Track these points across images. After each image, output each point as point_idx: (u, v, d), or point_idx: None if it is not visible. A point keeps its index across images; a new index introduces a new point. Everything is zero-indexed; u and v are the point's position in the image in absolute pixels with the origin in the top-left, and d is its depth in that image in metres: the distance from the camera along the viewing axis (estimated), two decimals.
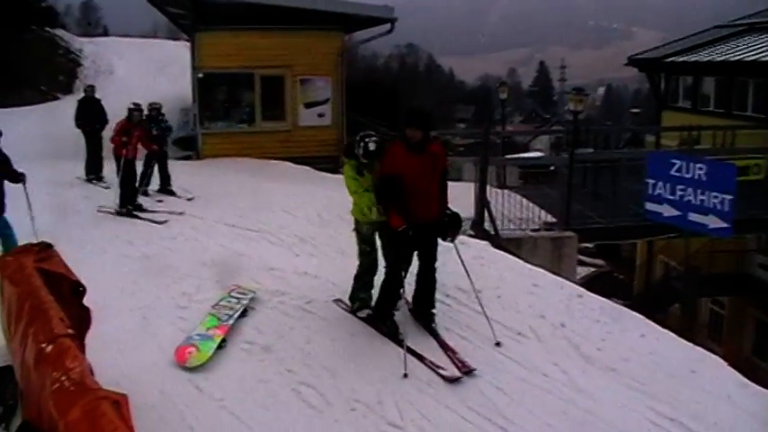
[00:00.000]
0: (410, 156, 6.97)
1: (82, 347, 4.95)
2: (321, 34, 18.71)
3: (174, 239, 10.72)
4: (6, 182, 9.37)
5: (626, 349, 7.22)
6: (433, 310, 7.59)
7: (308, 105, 19.02)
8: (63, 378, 3.75)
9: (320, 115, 19.07)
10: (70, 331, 4.40)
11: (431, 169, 7.12)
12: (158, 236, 10.89)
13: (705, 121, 20.23)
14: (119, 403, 3.52)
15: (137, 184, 12.91)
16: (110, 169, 14.28)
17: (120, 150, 12.47)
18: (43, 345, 4.18)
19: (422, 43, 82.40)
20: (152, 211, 12.38)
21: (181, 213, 12.21)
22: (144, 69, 26.83)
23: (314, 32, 18.61)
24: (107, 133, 14.88)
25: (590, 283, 22.10)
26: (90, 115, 15.20)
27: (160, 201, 13.39)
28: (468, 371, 6.67)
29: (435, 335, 7.34)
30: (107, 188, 14.10)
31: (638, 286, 23.81)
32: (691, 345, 7.53)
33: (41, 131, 18.93)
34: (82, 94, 16.38)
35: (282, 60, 18.40)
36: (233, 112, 18.92)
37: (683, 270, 15.45)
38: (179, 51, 24.96)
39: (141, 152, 13.14)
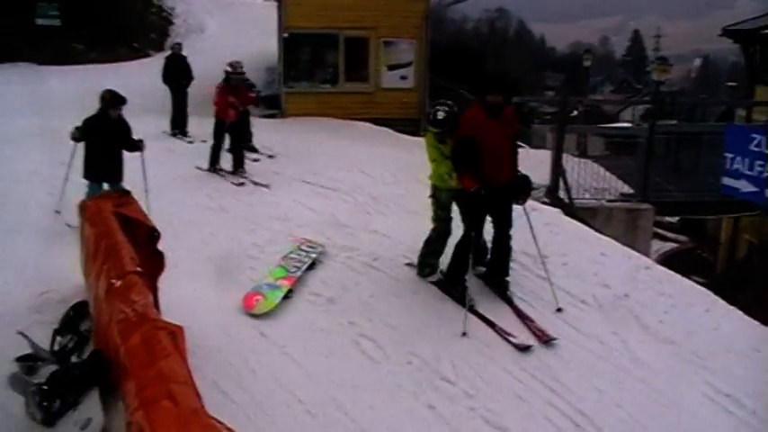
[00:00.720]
0: (488, 120, 7.03)
1: (153, 288, 5.26)
2: None
3: (251, 194, 11.03)
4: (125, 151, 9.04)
5: (688, 323, 7.20)
6: (507, 278, 7.66)
7: (391, 68, 19.04)
8: (128, 309, 4.04)
9: (403, 78, 19.09)
10: (138, 269, 4.70)
11: (506, 133, 7.18)
12: (235, 190, 11.21)
13: None
14: (174, 334, 3.78)
15: (241, 143, 12.57)
16: (195, 124, 14.82)
17: (222, 113, 12.19)
18: (113, 280, 4.50)
19: (513, 8, 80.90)
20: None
21: (266, 185, 11.71)
22: (233, 28, 27.23)
23: None
24: (192, 90, 15.38)
25: (670, 260, 21.65)
26: (176, 72, 15.49)
27: (256, 160, 13.37)
28: (547, 340, 6.74)
29: (510, 302, 7.41)
30: (191, 143, 14.48)
31: (721, 265, 23.19)
32: (757, 323, 7.43)
33: (131, 87, 19.54)
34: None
35: (367, 22, 18.44)
36: (317, 72, 19.11)
37: (758, 248, 14.99)
38: (268, 11, 25.15)
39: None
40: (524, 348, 6.60)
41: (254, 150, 13.88)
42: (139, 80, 20.55)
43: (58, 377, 4.63)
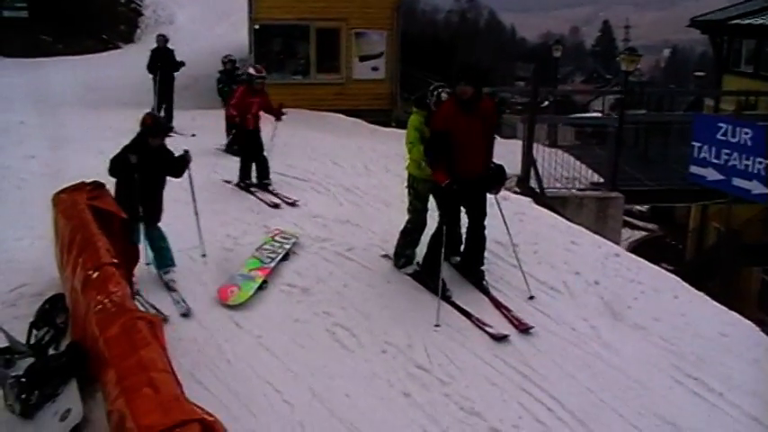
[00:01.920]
0: (460, 113, 7.03)
1: (129, 279, 5.29)
2: None
3: (223, 186, 11.01)
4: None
5: (657, 309, 7.34)
6: (482, 268, 7.71)
7: (363, 59, 19.11)
8: (106, 300, 4.08)
9: (374, 69, 19.16)
10: (115, 260, 4.73)
11: (480, 126, 7.17)
12: (210, 182, 11.17)
13: (766, 87, 19.72)
14: (153, 324, 3.82)
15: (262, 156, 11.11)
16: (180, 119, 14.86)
17: (235, 119, 11.17)
18: (90, 272, 4.52)
19: None
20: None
21: (296, 202, 10.42)
22: (203, 19, 27.05)
23: None
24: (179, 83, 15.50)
25: (640, 248, 21.98)
26: (162, 65, 15.27)
27: None
28: (525, 329, 6.82)
29: (486, 292, 7.48)
30: (181, 134, 13.93)
31: (690, 252, 23.51)
32: (724, 309, 7.60)
33: (101, 79, 19.44)
34: (149, 43, 16.75)
35: (338, 13, 18.49)
36: (288, 64, 19.14)
37: (724, 236, 15.25)
38: (238, 2, 25.06)
39: (267, 119, 11.34)
40: (501, 338, 6.68)
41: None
42: (108, 72, 20.52)
43: (35, 369, 4.65)
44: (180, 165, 7.56)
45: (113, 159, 6.99)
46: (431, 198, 7.72)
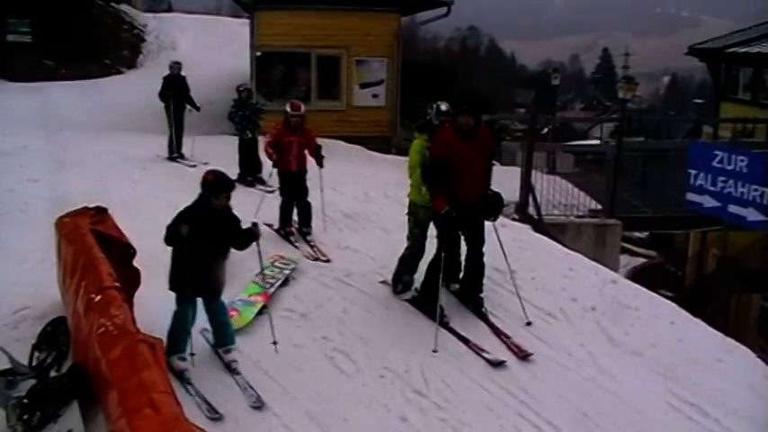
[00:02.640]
0: (459, 141, 7.11)
1: (130, 303, 5.36)
2: (378, 16, 18.89)
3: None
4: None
5: (654, 335, 7.39)
6: (481, 295, 7.75)
7: (363, 86, 19.24)
8: (108, 323, 4.16)
9: (374, 96, 19.29)
10: (117, 284, 4.81)
11: (479, 154, 7.26)
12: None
13: (764, 114, 19.86)
14: (154, 346, 3.89)
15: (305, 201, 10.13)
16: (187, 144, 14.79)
17: (272, 158, 10.15)
18: (92, 295, 4.60)
19: (484, 26, 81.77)
20: None
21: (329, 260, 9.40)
22: (206, 46, 27.29)
23: (371, 14, 18.82)
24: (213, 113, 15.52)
25: (639, 274, 22.01)
26: (175, 92, 14.87)
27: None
28: (524, 356, 6.86)
29: (485, 319, 7.52)
30: (194, 166, 13.66)
31: (690, 279, 23.54)
32: (721, 335, 7.66)
33: (104, 104, 19.59)
34: (152, 69, 16.85)
35: (339, 41, 18.66)
36: (289, 91, 19.25)
37: (720, 263, 15.31)
38: (240, 29, 25.29)
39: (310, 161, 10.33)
40: (498, 364, 6.73)
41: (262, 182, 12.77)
42: (111, 97, 20.67)
43: (37, 390, 4.71)
44: (247, 238, 6.57)
45: (169, 227, 6.05)
46: (431, 225, 7.79)
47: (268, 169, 10.99)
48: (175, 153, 14.77)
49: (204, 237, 6.07)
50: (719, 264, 15.77)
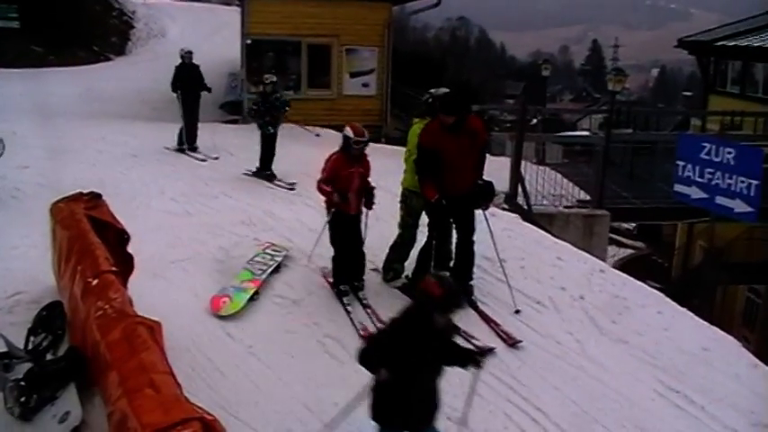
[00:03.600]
0: (446, 134, 7.19)
1: (124, 287, 5.40)
2: (368, 5, 18.90)
3: (216, 198, 11.13)
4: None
5: (641, 324, 7.50)
6: (471, 283, 7.83)
7: (354, 75, 19.25)
8: (106, 306, 4.21)
9: (365, 85, 19.31)
10: (114, 268, 4.86)
11: (467, 145, 7.33)
12: (200, 193, 11.28)
13: (752, 108, 20.02)
14: (153, 329, 3.95)
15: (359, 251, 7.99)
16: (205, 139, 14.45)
17: (331, 197, 7.67)
18: (90, 279, 4.65)
19: (474, 17, 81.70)
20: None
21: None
22: (195, 33, 27.08)
23: (361, 3, 18.84)
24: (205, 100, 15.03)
25: (627, 265, 22.12)
26: (188, 81, 14.37)
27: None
28: (513, 343, 6.95)
29: (475, 306, 7.59)
30: (203, 160, 13.74)
31: (676, 271, 23.72)
32: (707, 324, 7.77)
33: (93, 91, 19.49)
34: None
35: (330, 29, 18.64)
36: (279, 79, 19.21)
37: (707, 255, 15.47)
38: (230, 17, 25.19)
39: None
40: (487, 351, 6.78)
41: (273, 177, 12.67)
42: (100, 83, 20.57)
43: (34, 373, 4.76)
44: (465, 359, 5.24)
45: (374, 349, 4.72)
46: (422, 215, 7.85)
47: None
48: (186, 145, 14.31)
49: (423, 359, 4.71)
50: (706, 255, 15.93)
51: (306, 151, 13.97)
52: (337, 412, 5.16)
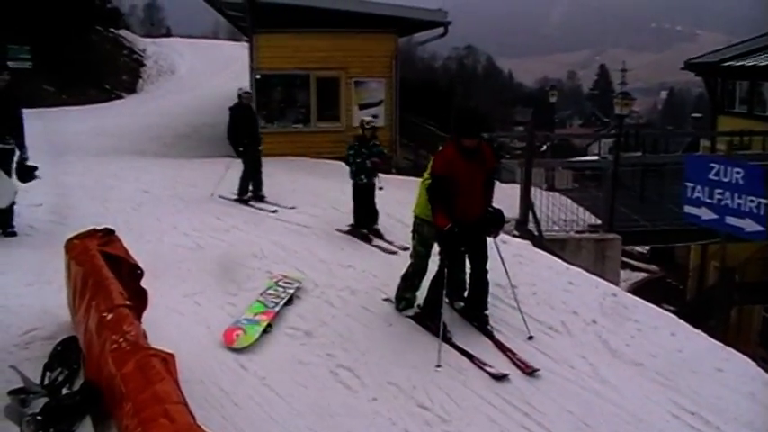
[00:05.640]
0: (462, 159, 7.20)
1: (138, 321, 5.47)
2: (375, 37, 19.09)
3: (227, 232, 11.21)
4: None
5: (654, 346, 7.48)
6: (486, 312, 7.82)
7: (362, 107, 19.38)
8: (120, 340, 4.27)
9: (374, 116, 19.42)
10: (127, 302, 4.93)
11: (480, 171, 7.37)
12: (212, 227, 11.37)
13: (760, 127, 20.07)
14: (166, 360, 4.01)
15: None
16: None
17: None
18: (104, 314, 4.72)
19: (481, 45, 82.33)
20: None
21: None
22: (204, 69, 27.56)
23: (368, 35, 19.03)
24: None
25: (641, 289, 22.06)
26: (246, 125, 12.99)
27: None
28: (531, 371, 6.90)
29: (490, 336, 7.57)
30: (274, 212, 12.45)
31: (691, 292, 23.64)
32: (720, 344, 7.74)
33: (104, 128, 19.73)
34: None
35: (337, 62, 18.84)
36: (289, 113, 19.42)
37: (720, 274, 15.41)
38: (239, 52, 25.54)
39: None
40: (501, 377, 6.79)
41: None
42: (112, 121, 20.86)
43: (51, 407, 4.81)
44: None
45: None
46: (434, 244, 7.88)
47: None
48: (249, 195, 13.02)
49: None
50: (720, 276, 15.88)
51: (315, 182, 14.04)
52: None
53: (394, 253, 10.11)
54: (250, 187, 13.18)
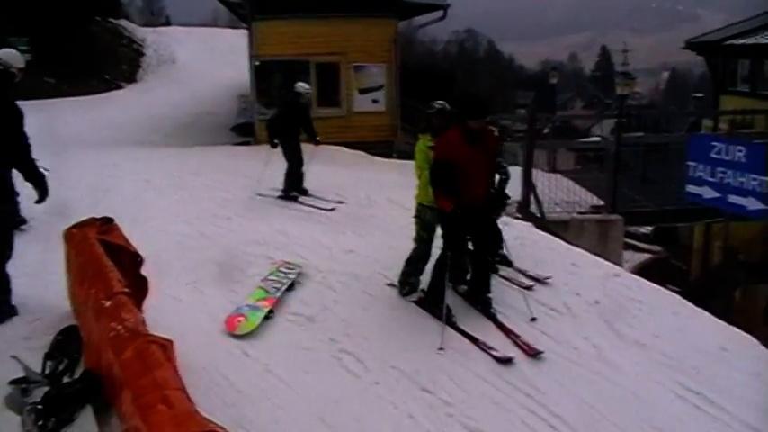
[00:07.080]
0: (466, 143, 7.15)
1: (139, 310, 5.46)
2: (374, 21, 19.00)
3: (229, 220, 11.20)
4: None
5: (657, 326, 7.47)
6: (489, 295, 7.80)
7: (363, 91, 19.35)
8: (119, 327, 4.27)
9: (374, 101, 19.40)
10: (126, 289, 4.92)
11: (483, 155, 7.32)
12: (214, 216, 11.35)
13: (762, 105, 19.97)
14: (165, 347, 4.00)
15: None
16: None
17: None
18: (103, 301, 4.71)
19: (482, 28, 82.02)
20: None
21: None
22: (204, 58, 27.43)
23: (367, 20, 18.93)
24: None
25: (645, 270, 21.97)
26: (296, 122, 12.65)
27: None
28: (534, 353, 6.89)
29: (494, 318, 7.56)
30: (331, 209, 11.89)
31: (695, 273, 23.59)
32: (723, 324, 7.74)
33: (105, 119, 19.70)
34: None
35: (337, 48, 18.77)
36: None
37: (724, 254, 15.38)
38: (238, 40, 25.39)
39: None
40: (506, 360, 6.78)
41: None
42: (112, 111, 20.83)
43: (52, 396, 4.81)
44: None
45: None
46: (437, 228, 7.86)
47: None
48: (294, 192, 12.54)
49: None
50: (723, 256, 15.86)
51: (317, 169, 14.00)
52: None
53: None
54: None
